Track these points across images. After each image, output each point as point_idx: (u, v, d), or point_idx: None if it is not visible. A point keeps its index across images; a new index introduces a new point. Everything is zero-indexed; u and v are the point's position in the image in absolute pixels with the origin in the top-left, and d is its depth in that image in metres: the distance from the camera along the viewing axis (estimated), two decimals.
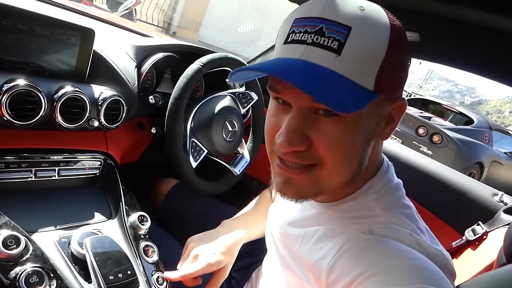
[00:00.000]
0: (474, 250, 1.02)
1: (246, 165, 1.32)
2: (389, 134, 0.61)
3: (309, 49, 0.52)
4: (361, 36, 0.51)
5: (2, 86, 0.74)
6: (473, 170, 5.04)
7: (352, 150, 0.57)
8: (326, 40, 0.51)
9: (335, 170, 0.58)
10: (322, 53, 0.52)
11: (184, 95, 1.07)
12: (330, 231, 0.65)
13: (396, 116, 0.60)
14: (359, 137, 0.57)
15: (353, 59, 0.51)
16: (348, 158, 0.58)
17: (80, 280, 0.72)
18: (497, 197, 1.17)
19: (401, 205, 0.64)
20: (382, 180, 0.65)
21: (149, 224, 0.91)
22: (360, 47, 0.51)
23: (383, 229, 0.59)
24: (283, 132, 0.55)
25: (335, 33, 0.51)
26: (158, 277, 0.82)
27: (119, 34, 1.38)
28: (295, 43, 0.54)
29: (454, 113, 6.16)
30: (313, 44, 0.52)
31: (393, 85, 0.56)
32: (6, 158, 0.82)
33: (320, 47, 0.52)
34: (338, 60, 0.51)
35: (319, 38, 0.52)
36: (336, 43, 0.51)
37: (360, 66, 0.52)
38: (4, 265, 0.65)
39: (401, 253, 0.55)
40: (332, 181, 0.59)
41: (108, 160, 1.02)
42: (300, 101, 0.55)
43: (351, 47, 0.51)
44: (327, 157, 0.56)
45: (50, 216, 0.83)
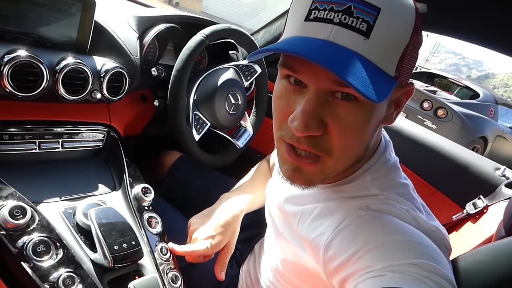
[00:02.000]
0: (474, 224, 1.02)
1: (249, 138, 1.32)
2: (395, 118, 0.60)
3: (337, 29, 0.48)
4: (390, 18, 0.48)
5: (3, 57, 0.74)
6: (477, 145, 5.02)
7: (364, 136, 0.56)
8: (355, 21, 0.48)
9: (343, 156, 0.57)
10: (350, 34, 0.48)
11: (187, 67, 1.06)
12: (327, 208, 0.65)
13: (403, 100, 0.59)
14: (372, 123, 0.55)
15: (381, 43, 0.49)
16: (358, 144, 0.57)
17: (85, 249, 0.73)
18: (499, 171, 1.17)
19: (397, 185, 0.64)
20: (380, 160, 0.65)
21: (153, 196, 0.92)
22: (388, 30, 0.49)
23: (380, 205, 0.60)
24: (298, 115, 0.52)
25: (364, 14, 0.48)
26: (162, 247, 0.84)
27: (121, 4, 1.35)
28: (320, 22, 0.49)
29: (460, 87, 6.08)
30: (341, 24, 0.48)
31: (409, 70, 0.54)
32: (10, 130, 0.83)
33: (348, 28, 0.48)
34: (366, 43, 0.48)
35: (347, 18, 0.48)
36: (365, 25, 0.48)
37: (387, 51, 0.50)
38: (12, 234, 0.66)
39: (397, 229, 0.55)
40: (338, 167, 0.59)
41: (111, 133, 1.02)
42: (320, 82, 0.51)
43: (379, 30, 0.48)
44: (339, 144, 0.54)
45: (55, 187, 0.84)
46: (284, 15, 1.50)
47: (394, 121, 0.60)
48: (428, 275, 0.47)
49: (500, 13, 0.87)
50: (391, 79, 0.51)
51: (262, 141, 1.45)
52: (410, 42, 0.51)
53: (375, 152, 0.66)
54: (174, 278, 0.82)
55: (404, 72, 0.53)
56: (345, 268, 0.55)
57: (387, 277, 0.48)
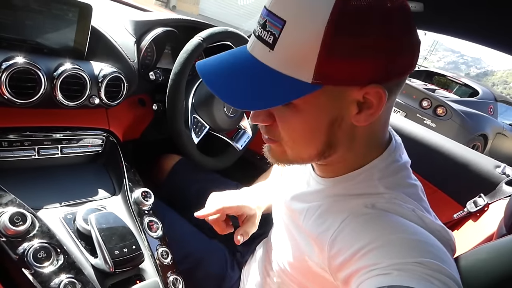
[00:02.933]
0: (475, 222, 1.02)
1: (248, 140, 1.32)
2: (367, 120, 0.57)
3: (255, 42, 0.54)
4: (294, 30, 0.50)
5: (0, 64, 0.74)
6: (477, 142, 5.02)
7: (307, 133, 0.58)
8: (265, 34, 0.52)
9: (296, 148, 0.61)
10: (260, 47, 0.53)
11: (185, 71, 1.06)
12: (333, 205, 0.66)
13: (373, 102, 0.55)
14: (315, 122, 0.57)
15: (284, 54, 0.51)
16: (305, 139, 0.59)
17: (86, 255, 0.73)
18: (499, 169, 1.17)
19: (405, 185, 0.64)
20: (388, 159, 0.65)
21: (153, 200, 0.92)
22: (292, 42, 0.50)
23: (385, 204, 0.59)
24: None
25: (272, 27, 0.51)
26: (162, 251, 0.84)
27: (118, 9, 1.35)
28: (252, 34, 0.55)
29: (459, 84, 6.08)
30: (258, 38, 0.53)
31: (344, 73, 0.52)
32: (9, 137, 0.83)
33: (260, 41, 0.53)
34: (271, 55, 0.52)
35: (262, 32, 0.53)
36: (272, 38, 0.51)
37: (292, 60, 0.51)
38: (12, 241, 0.66)
39: (403, 228, 0.55)
40: (298, 156, 0.63)
41: (110, 137, 1.02)
42: None
43: (283, 42, 0.51)
44: (285, 136, 0.59)
45: (55, 193, 0.84)
46: None
47: (369, 121, 0.57)
48: (434, 274, 0.47)
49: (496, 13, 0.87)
50: (306, 85, 0.52)
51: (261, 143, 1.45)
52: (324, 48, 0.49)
53: (384, 151, 0.65)
54: (176, 281, 0.82)
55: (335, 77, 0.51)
56: (349, 265, 0.55)
57: (392, 275, 0.48)
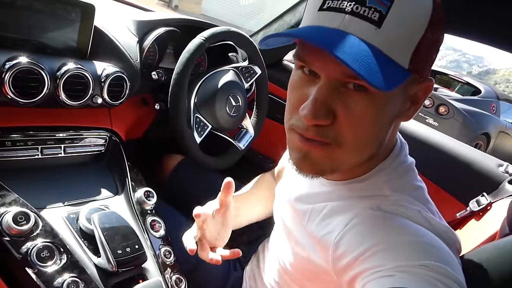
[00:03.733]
0: (478, 221, 1.02)
1: (251, 139, 1.32)
2: (412, 115, 0.59)
3: (348, 18, 0.49)
4: (404, 9, 0.48)
5: (4, 64, 0.74)
6: (480, 141, 5.00)
7: (375, 130, 0.55)
8: (367, 11, 0.48)
9: (354, 149, 0.56)
10: (361, 24, 0.48)
11: (187, 70, 1.06)
12: (338, 207, 0.65)
13: (422, 97, 0.58)
14: (385, 117, 0.55)
15: (393, 34, 0.48)
16: (370, 137, 0.56)
17: (89, 254, 0.74)
18: (502, 168, 1.17)
19: (411, 187, 0.63)
20: (395, 161, 0.64)
21: (155, 200, 0.92)
22: (401, 21, 0.48)
23: (391, 206, 0.59)
24: (308, 103, 0.52)
25: (377, 3, 0.48)
26: (165, 251, 0.84)
27: (120, 9, 1.36)
28: (332, 11, 0.50)
29: (461, 83, 6.06)
30: (352, 14, 0.49)
31: (425, 64, 0.54)
32: (13, 136, 0.83)
33: (359, 17, 0.48)
34: (377, 33, 0.48)
35: (359, 8, 0.48)
36: (377, 15, 0.48)
37: (399, 41, 0.49)
38: (16, 240, 0.66)
39: (408, 230, 0.55)
40: (349, 159, 0.58)
41: (113, 137, 1.02)
42: (331, 72, 0.51)
43: (392, 20, 0.48)
44: (348, 135, 0.54)
45: (58, 192, 0.85)
46: (283, 16, 1.50)
47: (411, 118, 0.59)
48: (439, 277, 0.47)
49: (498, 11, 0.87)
50: (403, 71, 0.50)
51: (264, 142, 1.45)
52: (426, 36, 0.50)
53: (390, 152, 0.65)
54: (178, 281, 0.82)
55: (420, 66, 0.52)
56: (354, 267, 0.55)
57: (396, 277, 0.48)
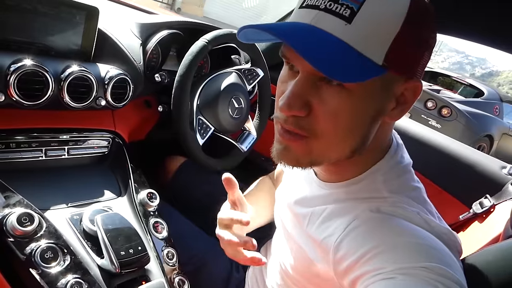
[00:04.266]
0: (481, 223, 1.02)
1: (253, 141, 1.32)
2: (400, 116, 0.59)
3: (320, 14, 0.51)
4: (376, 6, 0.49)
5: (9, 66, 0.75)
6: (483, 143, 4.99)
7: (352, 123, 0.56)
8: (339, 7, 0.50)
9: (331, 142, 0.57)
10: (332, 20, 0.50)
11: (190, 73, 1.07)
12: (337, 210, 0.65)
13: (410, 98, 0.57)
14: (363, 112, 0.55)
15: (363, 30, 0.49)
16: (347, 130, 0.56)
17: (92, 255, 0.74)
18: (505, 170, 1.17)
19: (409, 188, 0.63)
20: (391, 161, 0.64)
21: (158, 201, 0.92)
22: (372, 18, 0.49)
23: (390, 208, 0.59)
24: (285, 95, 0.55)
25: (349, 1, 0.49)
26: (168, 252, 0.84)
27: (124, 12, 1.37)
28: (309, 8, 0.52)
29: (464, 85, 6.05)
30: (325, 10, 0.50)
31: (407, 62, 0.54)
32: (17, 138, 0.84)
33: (331, 14, 0.50)
34: (347, 28, 0.49)
35: (332, 5, 0.50)
36: (349, 11, 0.49)
37: (370, 37, 0.50)
38: (20, 241, 0.67)
39: (408, 232, 0.55)
40: (327, 153, 0.59)
41: (116, 139, 1.03)
42: (306, 66, 0.53)
43: (363, 16, 0.49)
44: (324, 127, 0.55)
45: (62, 194, 0.85)
46: (285, 19, 1.51)
47: (399, 118, 0.59)
48: (439, 279, 0.47)
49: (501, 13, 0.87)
50: (376, 66, 0.51)
51: (266, 144, 1.45)
52: (402, 33, 0.50)
53: (386, 153, 0.65)
54: (181, 283, 0.82)
55: (399, 63, 0.52)
56: (355, 269, 0.55)
57: (397, 279, 0.48)
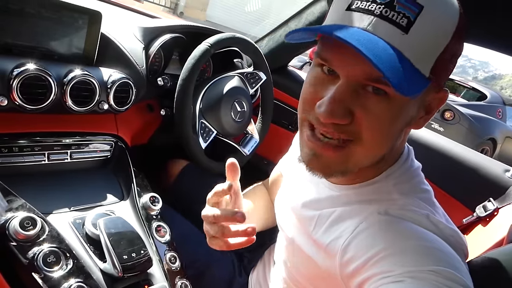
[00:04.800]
0: (484, 227, 1.01)
1: (256, 145, 1.32)
2: (424, 124, 0.59)
3: (377, 21, 0.49)
4: (432, 17, 0.48)
5: (12, 70, 0.75)
6: (486, 146, 4.97)
7: (390, 133, 0.55)
8: (396, 15, 0.48)
9: (371, 149, 0.56)
10: (389, 27, 0.48)
11: (193, 76, 1.07)
12: (346, 212, 0.64)
13: (435, 107, 0.58)
14: (400, 122, 0.55)
15: (419, 41, 0.48)
16: (385, 139, 0.56)
17: (95, 259, 0.74)
18: (509, 173, 1.16)
19: (419, 190, 0.63)
20: (404, 166, 0.64)
21: (161, 205, 0.92)
22: (428, 30, 0.49)
23: (399, 211, 0.59)
24: (326, 101, 0.52)
25: (406, 9, 0.48)
26: (171, 256, 0.84)
27: (126, 16, 1.37)
28: (361, 12, 0.50)
29: (467, 88, 6.03)
30: (381, 17, 0.49)
31: (445, 74, 0.54)
32: (20, 142, 0.84)
33: (387, 21, 0.48)
34: (403, 38, 0.48)
35: (388, 11, 0.48)
36: (405, 20, 0.48)
37: (424, 49, 0.49)
38: (22, 245, 0.67)
39: (416, 235, 0.55)
40: (362, 160, 0.58)
41: (118, 143, 1.03)
42: (351, 72, 0.51)
43: (419, 27, 0.48)
44: (367, 134, 0.53)
45: (64, 198, 0.85)
46: (287, 23, 1.51)
47: (422, 126, 0.60)
48: (447, 283, 0.47)
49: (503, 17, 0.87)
50: (423, 79, 0.50)
51: (269, 147, 1.45)
52: (449, 46, 0.50)
53: (399, 158, 0.65)
54: (184, 286, 0.82)
55: (439, 76, 0.52)
56: (362, 272, 0.55)
57: (406, 282, 0.48)
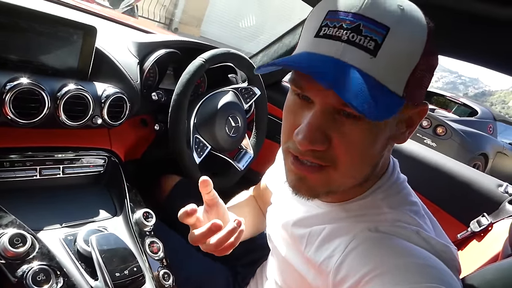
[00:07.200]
0: (479, 242, 1.01)
1: (250, 160, 1.32)
2: (408, 137, 0.59)
3: (344, 47, 0.49)
4: (399, 38, 0.49)
5: (5, 85, 0.74)
6: (478, 162, 5.02)
7: (370, 154, 0.56)
8: (363, 39, 0.48)
9: (349, 172, 0.56)
10: (357, 53, 0.49)
11: (187, 91, 1.07)
12: (336, 229, 0.64)
13: (417, 120, 0.58)
14: (379, 142, 0.55)
15: (388, 62, 0.49)
16: (365, 161, 0.56)
17: (86, 277, 0.72)
18: (501, 188, 1.17)
19: (408, 203, 0.63)
20: (390, 179, 0.64)
21: (154, 221, 0.91)
22: (395, 50, 0.49)
23: (389, 227, 0.58)
24: (303, 129, 0.52)
25: (372, 32, 0.48)
26: (164, 273, 0.83)
27: (121, 31, 1.38)
28: (329, 39, 0.50)
29: (458, 104, 6.12)
30: (348, 42, 0.49)
31: (420, 90, 0.54)
32: (11, 157, 0.83)
33: (355, 46, 0.49)
34: (372, 62, 0.48)
35: (355, 36, 0.49)
36: (373, 44, 0.48)
37: (394, 70, 0.50)
38: (11, 263, 0.65)
39: (408, 252, 0.54)
40: (345, 182, 0.58)
41: (112, 158, 1.02)
42: (324, 99, 0.51)
43: (387, 49, 0.48)
44: (344, 159, 0.54)
45: (56, 214, 0.84)
46: (282, 39, 1.53)
47: (406, 140, 0.59)
48: None
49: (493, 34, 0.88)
50: (398, 99, 0.50)
51: (263, 162, 1.45)
52: (420, 63, 0.50)
53: (385, 171, 0.65)
54: None
55: (414, 92, 0.53)
56: None
57: None
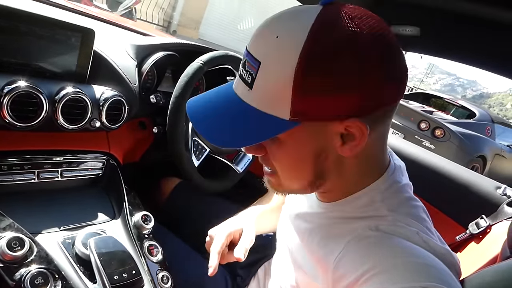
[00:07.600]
0: (478, 244, 1.01)
1: (249, 162, 1.32)
2: (353, 151, 0.56)
3: (237, 81, 0.57)
4: (268, 71, 0.52)
5: (3, 88, 0.74)
6: (476, 164, 5.02)
7: (294, 165, 0.60)
8: (245, 73, 0.54)
9: (287, 179, 0.62)
10: (242, 86, 0.55)
11: (186, 94, 1.07)
12: (334, 228, 0.65)
13: (357, 134, 0.55)
14: (301, 155, 0.58)
15: (262, 93, 0.53)
16: (294, 171, 0.61)
17: (85, 280, 0.72)
18: (500, 190, 1.17)
19: (408, 206, 0.63)
20: (388, 181, 0.64)
21: (153, 224, 0.91)
22: (267, 82, 0.52)
23: (389, 227, 0.58)
24: None
25: (250, 67, 0.53)
26: (163, 276, 0.83)
27: (119, 34, 1.38)
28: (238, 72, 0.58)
29: (456, 106, 6.13)
30: (240, 76, 0.56)
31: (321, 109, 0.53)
32: (9, 160, 0.83)
33: (241, 80, 0.55)
34: (250, 93, 0.54)
35: (242, 71, 0.55)
36: (250, 78, 0.53)
37: (269, 98, 0.53)
38: (9, 266, 0.65)
39: (407, 251, 0.54)
40: (290, 186, 0.64)
41: (110, 161, 1.02)
42: None
43: (259, 82, 0.52)
44: (278, 168, 0.61)
45: (54, 217, 0.84)
46: None
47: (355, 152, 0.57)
48: None
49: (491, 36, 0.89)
50: (285, 122, 0.53)
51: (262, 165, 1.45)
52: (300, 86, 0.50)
53: (383, 174, 0.65)
54: None
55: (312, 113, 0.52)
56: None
57: None
